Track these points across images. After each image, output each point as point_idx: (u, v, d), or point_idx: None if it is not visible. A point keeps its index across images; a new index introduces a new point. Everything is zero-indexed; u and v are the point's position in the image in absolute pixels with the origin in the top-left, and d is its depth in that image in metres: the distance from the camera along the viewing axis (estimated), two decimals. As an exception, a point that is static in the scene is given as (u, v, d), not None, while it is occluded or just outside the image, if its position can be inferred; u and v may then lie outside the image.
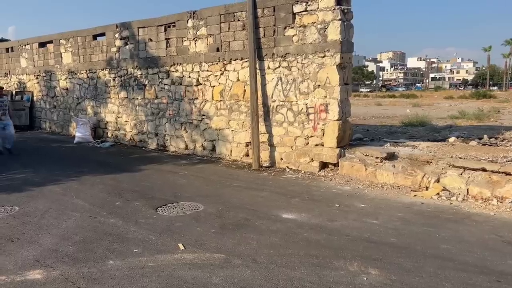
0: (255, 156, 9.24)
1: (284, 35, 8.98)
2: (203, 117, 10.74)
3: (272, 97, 9.34)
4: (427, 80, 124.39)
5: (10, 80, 17.93)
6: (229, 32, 9.92)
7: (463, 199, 6.52)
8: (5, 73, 18.03)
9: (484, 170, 6.67)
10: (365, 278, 3.91)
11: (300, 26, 8.74)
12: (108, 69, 13.21)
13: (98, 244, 4.77)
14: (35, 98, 16.84)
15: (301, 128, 8.93)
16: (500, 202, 6.24)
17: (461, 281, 3.86)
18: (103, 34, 13.35)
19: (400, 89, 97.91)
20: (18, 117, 16.56)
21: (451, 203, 6.39)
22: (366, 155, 8.18)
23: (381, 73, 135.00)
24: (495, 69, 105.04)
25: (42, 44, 15.89)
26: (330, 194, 7.04)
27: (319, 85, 8.57)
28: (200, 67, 10.64)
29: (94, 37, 13.69)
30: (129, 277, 3.95)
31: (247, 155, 9.86)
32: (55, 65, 15.29)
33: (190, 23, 10.69)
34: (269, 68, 9.32)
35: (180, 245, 4.71)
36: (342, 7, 8.23)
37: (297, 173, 8.69)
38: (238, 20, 9.71)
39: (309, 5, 8.53)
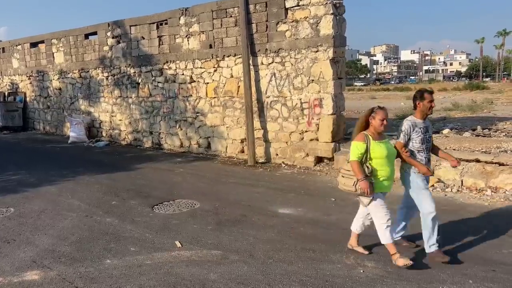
0: (251, 152, 9.24)
1: (276, 30, 8.97)
2: (198, 114, 10.72)
3: (266, 93, 9.34)
4: (421, 73, 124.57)
5: (2, 81, 17.79)
6: (222, 29, 9.88)
7: (458, 190, 6.58)
8: (-3, 74, 17.90)
9: (478, 161, 6.72)
10: (361, 271, 3.94)
11: (292, 21, 8.73)
12: (101, 68, 13.14)
13: (94, 243, 4.77)
14: (28, 99, 16.73)
15: (296, 123, 8.94)
16: (494, 192, 6.30)
17: (458, 271, 3.89)
18: (95, 33, 13.26)
19: (392, 82, 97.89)
20: (11, 118, 16.50)
21: (446, 195, 6.45)
22: (361, 148, 8.18)
23: (374, 66, 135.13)
24: (488, 60, 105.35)
25: (34, 44, 15.76)
26: (326, 188, 7.06)
27: (312, 80, 8.58)
28: (193, 64, 10.60)
29: (86, 36, 13.60)
30: (126, 275, 3.95)
31: (243, 151, 9.86)
32: (47, 65, 15.18)
33: (182, 20, 10.64)
34: (262, 63, 9.31)
35: (177, 243, 4.72)
36: (334, 1, 8.23)
37: (293, 168, 8.71)
38: (231, 16, 9.68)
39: (301, 0, 8.52)
